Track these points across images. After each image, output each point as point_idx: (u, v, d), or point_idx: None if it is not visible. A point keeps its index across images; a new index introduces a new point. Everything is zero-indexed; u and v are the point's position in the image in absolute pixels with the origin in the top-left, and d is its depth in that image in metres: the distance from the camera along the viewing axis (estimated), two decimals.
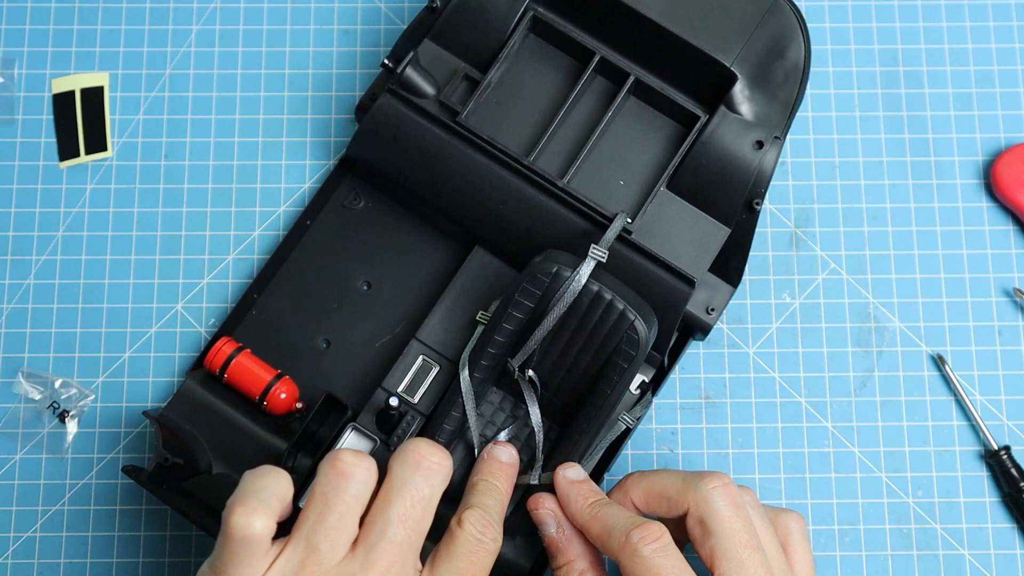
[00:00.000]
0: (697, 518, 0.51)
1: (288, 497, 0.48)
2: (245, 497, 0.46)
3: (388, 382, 0.59)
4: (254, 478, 0.47)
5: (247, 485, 0.47)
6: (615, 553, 0.50)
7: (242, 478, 0.48)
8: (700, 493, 0.51)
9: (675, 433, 0.63)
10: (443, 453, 0.50)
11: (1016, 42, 0.68)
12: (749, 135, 0.58)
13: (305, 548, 0.46)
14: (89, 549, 0.62)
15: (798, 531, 0.53)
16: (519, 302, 0.54)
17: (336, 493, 0.47)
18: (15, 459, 0.63)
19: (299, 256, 0.63)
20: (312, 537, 0.47)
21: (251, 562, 0.46)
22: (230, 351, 0.59)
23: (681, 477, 0.52)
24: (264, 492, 0.47)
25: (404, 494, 0.48)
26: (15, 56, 0.68)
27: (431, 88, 0.60)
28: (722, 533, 0.50)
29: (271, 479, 0.47)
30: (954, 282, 0.65)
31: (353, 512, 0.47)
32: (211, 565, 0.47)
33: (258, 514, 0.46)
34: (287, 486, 0.48)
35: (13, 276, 0.65)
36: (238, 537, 0.45)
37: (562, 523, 0.54)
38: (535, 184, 0.59)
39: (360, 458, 0.48)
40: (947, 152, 0.67)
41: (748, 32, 0.59)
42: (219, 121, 0.67)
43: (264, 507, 0.46)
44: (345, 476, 0.47)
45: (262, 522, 0.46)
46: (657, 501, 0.53)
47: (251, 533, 0.45)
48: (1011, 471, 0.61)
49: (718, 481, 0.51)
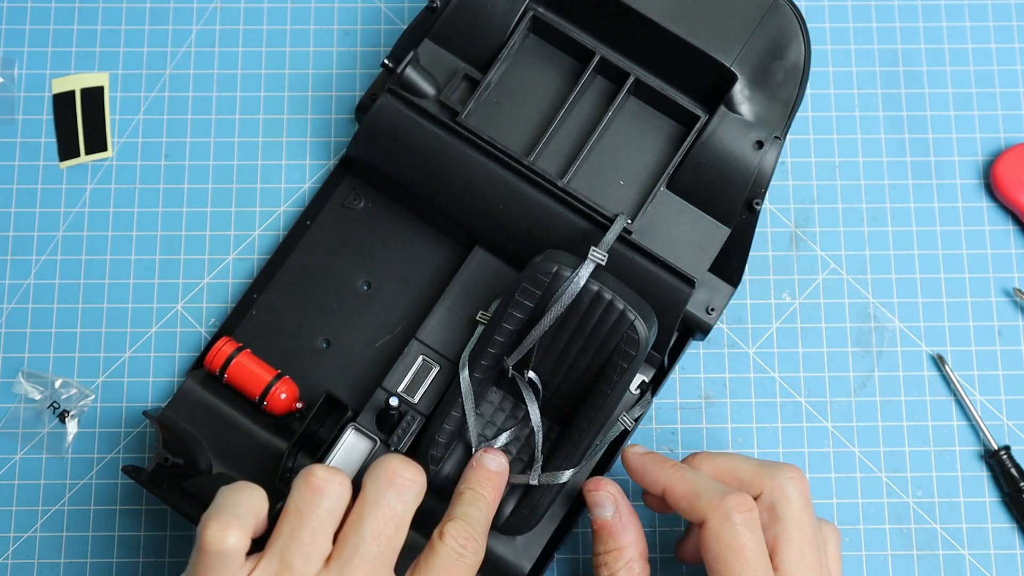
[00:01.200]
0: (769, 503, 0.52)
1: (263, 513, 0.48)
2: (220, 512, 0.47)
3: (388, 382, 0.59)
4: (229, 494, 0.48)
5: (222, 500, 0.47)
6: (703, 512, 0.51)
7: (217, 493, 0.48)
8: (777, 480, 0.52)
9: (675, 433, 0.63)
10: (416, 470, 0.50)
11: (1016, 42, 0.68)
12: (749, 135, 0.58)
13: (279, 563, 0.47)
14: (89, 549, 0.62)
15: (834, 543, 0.54)
16: (519, 302, 0.54)
17: (310, 508, 0.47)
18: (15, 459, 0.63)
19: (299, 256, 0.63)
20: (286, 552, 0.47)
21: None
22: (230, 351, 0.59)
23: (757, 463, 0.54)
24: (239, 508, 0.47)
25: (377, 511, 0.48)
26: (15, 56, 0.68)
27: (431, 88, 0.60)
28: (791, 523, 0.51)
29: (246, 495, 0.48)
30: (954, 282, 0.65)
31: (326, 527, 0.48)
32: None
33: (232, 529, 0.46)
34: (262, 502, 0.48)
35: (13, 276, 0.65)
36: (212, 551, 0.46)
37: (620, 508, 0.54)
38: (535, 184, 0.59)
39: (333, 474, 0.48)
40: (947, 152, 0.67)
41: (748, 32, 0.59)
42: (219, 121, 0.67)
43: (238, 522, 0.46)
44: (319, 492, 0.47)
45: (236, 537, 0.46)
46: (728, 480, 0.53)
47: (225, 547, 0.46)
48: (1011, 471, 0.61)
49: (795, 473, 0.53)
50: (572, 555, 0.62)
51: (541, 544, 0.59)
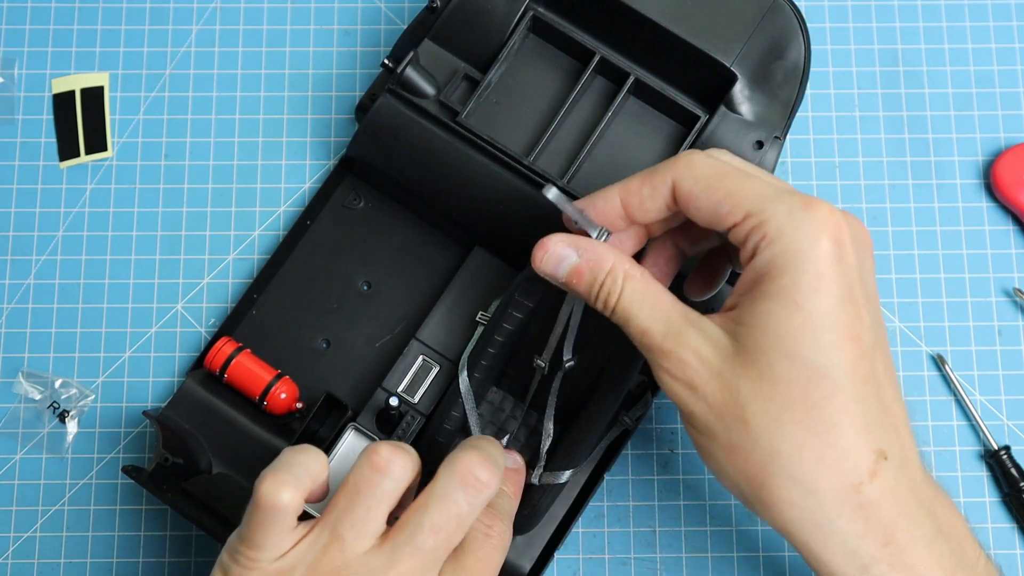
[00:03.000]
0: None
1: (321, 477, 0.48)
2: (277, 469, 0.47)
3: (388, 382, 0.59)
4: (290, 454, 0.48)
5: (282, 459, 0.48)
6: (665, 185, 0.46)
7: (281, 452, 0.49)
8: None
9: (675, 433, 0.63)
10: (492, 472, 0.48)
11: (1016, 42, 0.68)
12: (749, 135, 0.58)
13: (330, 535, 0.47)
14: (89, 549, 0.62)
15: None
16: (519, 302, 0.54)
17: (368, 486, 0.47)
18: (15, 459, 0.63)
19: (299, 256, 0.63)
20: (338, 525, 0.47)
21: (276, 533, 0.47)
22: (230, 351, 0.59)
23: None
24: (296, 467, 0.47)
25: (442, 506, 0.47)
26: (15, 56, 0.68)
27: (431, 88, 0.60)
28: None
29: (306, 456, 0.48)
30: (954, 282, 0.65)
31: (382, 506, 0.47)
32: (239, 534, 0.48)
33: (286, 486, 0.46)
34: (321, 466, 0.48)
35: (13, 276, 0.65)
36: (264, 506, 0.46)
37: (580, 244, 0.48)
38: (535, 184, 0.59)
39: (396, 455, 0.48)
40: (947, 152, 0.67)
41: (748, 32, 0.59)
42: (219, 121, 0.67)
43: (294, 481, 0.47)
44: (379, 471, 0.47)
45: (289, 495, 0.46)
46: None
47: (277, 503, 0.46)
48: (1011, 471, 0.61)
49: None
50: (572, 555, 0.62)
51: (541, 544, 0.59)
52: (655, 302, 0.47)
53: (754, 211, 0.45)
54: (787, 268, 0.44)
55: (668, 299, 0.48)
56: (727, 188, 0.46)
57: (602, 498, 0.62)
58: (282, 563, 0.47)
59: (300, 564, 0.47)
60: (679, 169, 0.47)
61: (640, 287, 0.48)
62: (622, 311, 0.48)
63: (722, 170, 0.47)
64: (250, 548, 0.47)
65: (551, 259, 0.49)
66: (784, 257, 0.44)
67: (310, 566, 0.46)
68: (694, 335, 0.46)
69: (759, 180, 0.46)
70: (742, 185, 0.46)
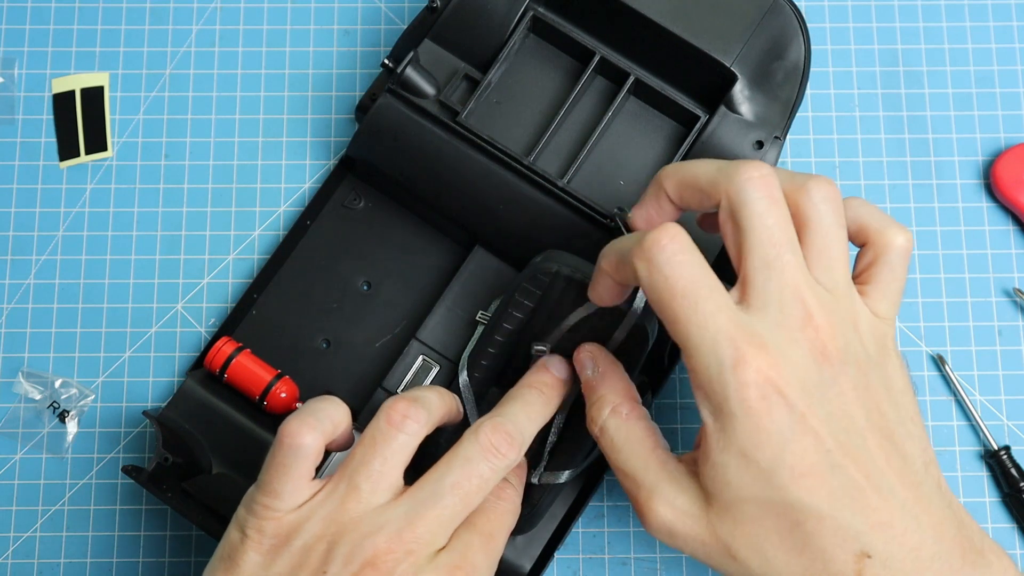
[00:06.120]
0: (728, 212, 0.45)
1: (342, 426, 0.49)
2: (302, 413, 0.48)
3: (388, 382, 0.59)
4: (315, 402, 0.49)
5: (307, 406, 0.49)
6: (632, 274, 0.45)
7: (306, 402, 0.50)
8: (733, 184, 0.45)
9: (675, 433, 0.63)
10: (513, 446, 0.49)
11: (1016, 42, 0.68)
12: (749, 135, 0.58)
13: (347, 486, 0.47)
14: (89, 549, 0.62)
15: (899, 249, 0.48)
16: (519, 302, 0.54)
17: (384, 439, 0.48)
18: (15, 459, 0.63)
19: (299, 256, 0.63)
20: (355, 476, 0.47)
21: (295, 478, 0.47)
22: (230, 351, 0.59)
23: (716, 166, 0.46)
24: (320, 413, 0.48)
25: (465, 467, 0.48)
26: (15, 56, 0.68)
27: (431, 88, 0.60)
28: (751, 230, 0.44)
29: (329, 404, 0.49)
30: (954, 282, 0.65)
31: (397, 459, 0.48)
32: (257, 484, 0.48)
33: (309, 428, 0.47)
34: (344, 415, 0.49)
35: (13, 276, 0.65)
36: (287, 444, 0.47)
37: (599, 361, 0.52)
38: (535, 184, 0.59)
39: (412, 410, 0.48)
40: (947, 152, 0.67)
41: (748, 32, 0.59)
42: (219, 121, 0.67)
43: (318, 424, 0.48)
44: (394, 426, 0.48)
45: (312, 437, 0.47)
46: (690, 193, 0.47)
47: (300, 442, 0.47)
48: (1011, 471, 0.61)
49: (755, 171, 0.45)
50: (572, 555, 0.62)
51: (541, 544, 0.59)
52: (635, 446, 0.49)
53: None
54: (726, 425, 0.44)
55: (649, 443, 0.49)
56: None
57: (602, 498, 0.62)
58: (299, 513, 0.47)
59: (317, 514, 0.47)
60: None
61: (622, 426, 0.50)
62: (604, 443, 0.50)
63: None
64: (267, 495, 0.47)
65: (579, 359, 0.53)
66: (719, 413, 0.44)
67: (327, 516, 0.47)
68: (669, 489, 0.47)
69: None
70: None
